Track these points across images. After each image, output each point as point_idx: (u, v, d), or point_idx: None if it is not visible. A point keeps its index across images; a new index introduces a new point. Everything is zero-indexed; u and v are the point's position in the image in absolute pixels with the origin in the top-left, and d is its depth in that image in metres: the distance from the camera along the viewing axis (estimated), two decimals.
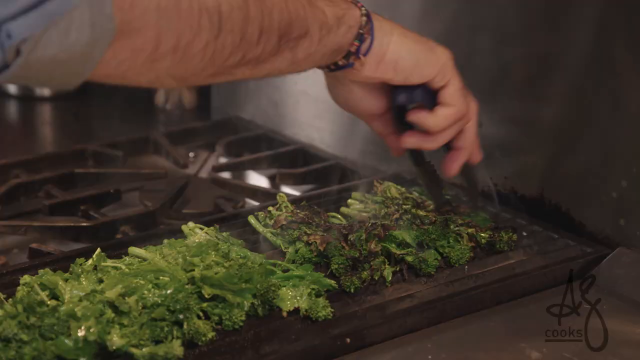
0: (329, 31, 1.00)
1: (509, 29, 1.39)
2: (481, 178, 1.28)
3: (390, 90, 1.11)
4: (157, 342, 1.01)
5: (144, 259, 1.13)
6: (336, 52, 1.03)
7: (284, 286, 1.11)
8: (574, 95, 1.32)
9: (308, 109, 1.72)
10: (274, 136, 1.75)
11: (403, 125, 1.13)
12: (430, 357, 1.07)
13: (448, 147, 1.16)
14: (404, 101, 1.10)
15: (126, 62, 0.84)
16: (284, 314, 1.09)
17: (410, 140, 1.12)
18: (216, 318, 1.05)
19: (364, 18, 1.03)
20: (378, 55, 1.04)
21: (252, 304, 1.07)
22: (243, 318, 1.05)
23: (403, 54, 1.06)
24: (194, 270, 1.08)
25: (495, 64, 1.40)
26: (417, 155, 1.19)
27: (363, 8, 1.04)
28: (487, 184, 1.32)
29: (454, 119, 1.11)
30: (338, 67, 1.05)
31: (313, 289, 1.11)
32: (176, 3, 0.85)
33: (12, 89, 1.95)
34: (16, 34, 0.75)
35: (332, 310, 1.08)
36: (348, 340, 1.06)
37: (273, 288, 1.08)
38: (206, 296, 1.05)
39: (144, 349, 0.99)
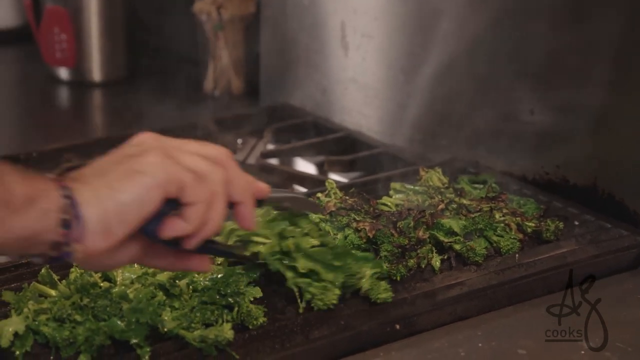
0: (15, 213, 0.84)
1: (561, 15, 1.37)
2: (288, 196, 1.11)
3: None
4: (207, 325, 1.02)
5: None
6: (32, 240, 0.86)
7: None
8: (627, 82, 1.30)
9: (356, 96, 1.72)
10: (322, 123, 1.74)
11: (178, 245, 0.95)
12: (480, 344, 1.06)
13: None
14: (155, 227, 0.92)
15: None
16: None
17: (193, 242, 0.94)
18: (308, 296, 1.05)
19: (66, 200, 0.86)
20: (102, 227, 0.87)
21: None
22: (335, 302, 1.05)
23: (123, 205, 0.88)
24: (287, 238, 1.07)
25: (547, 50, 1.39)
26: (220, 252, 1.06)
27: (67, 188, 0.87)
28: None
29: (206, 208, 0.92)
30: (55, 259, 0.88)
31: (375, 272, 1.10)
32: None
33: (63, 74, 1.98)
34: None
35: (392, 294, 1.08)
36: (398, 326, 1.06)
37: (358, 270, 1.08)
38: (300, 269, 1.05)
39: (194, 332, 1.00)
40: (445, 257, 1.19)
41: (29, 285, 1.06)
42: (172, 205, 0.92)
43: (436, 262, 1.17)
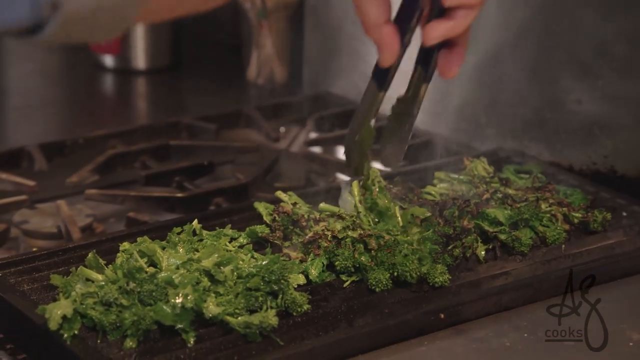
0: None
1: (610, 2, 1.35)
2: None
3: None
4: (252, 311, 1.02)
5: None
6: None
7: None
8: None
9: (400, 84, 1.71)
10: None
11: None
12: (525, 335, 1.06)
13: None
14: None
15: None
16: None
17: (439, 28, 1.01)
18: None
19: None
20: None
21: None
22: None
23: None
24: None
25: (596, 39, 1.37)
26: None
27: None
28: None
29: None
30: None
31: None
32: None
33: (108, 62, 2.00)
34: None
35: (450, 277, 1.08)
36: (442, 315, 1.06)
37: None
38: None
39: (239, 318, 1.00)
40: (490, 246, 1.18)
41: (77, 269, 1.07)
42: None
43: (481, 251, 1.16)
